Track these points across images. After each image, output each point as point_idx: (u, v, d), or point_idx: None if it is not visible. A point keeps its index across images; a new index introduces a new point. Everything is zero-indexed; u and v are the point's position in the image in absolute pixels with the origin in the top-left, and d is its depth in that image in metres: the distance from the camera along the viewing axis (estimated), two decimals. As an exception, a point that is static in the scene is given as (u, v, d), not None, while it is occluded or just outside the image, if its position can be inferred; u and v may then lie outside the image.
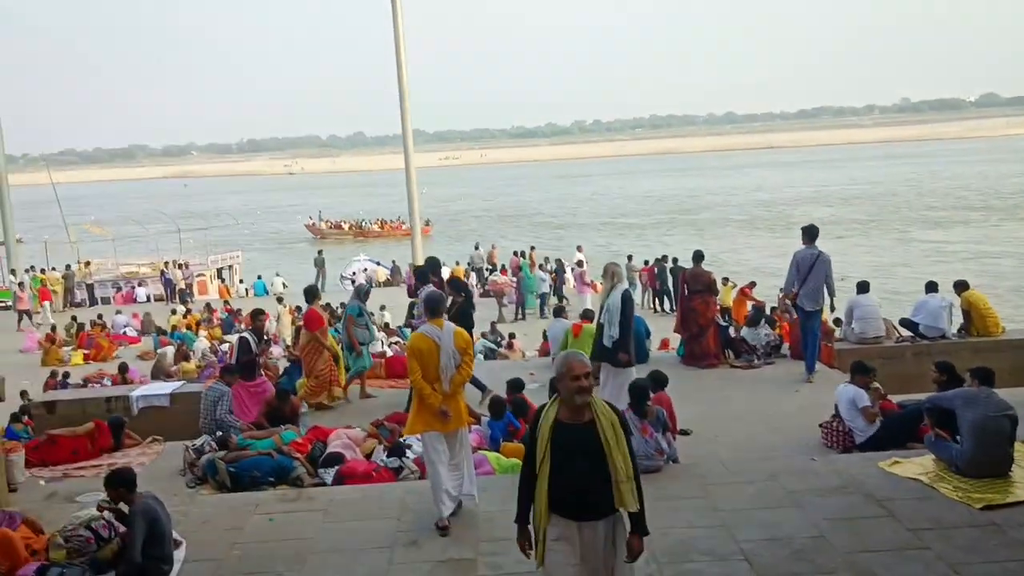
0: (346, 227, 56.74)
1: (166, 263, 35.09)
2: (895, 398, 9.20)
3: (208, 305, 28.19)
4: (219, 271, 38.77)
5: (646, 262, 27.71)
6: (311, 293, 11.76)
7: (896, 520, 6.24)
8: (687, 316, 12.19)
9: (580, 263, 26.81)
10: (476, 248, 34.92)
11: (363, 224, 56.30)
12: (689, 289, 12.20)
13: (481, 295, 28.76)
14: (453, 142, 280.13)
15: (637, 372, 8.76)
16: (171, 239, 41.78)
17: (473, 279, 30.41)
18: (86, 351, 23.09)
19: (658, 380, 8.63)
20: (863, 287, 12.69)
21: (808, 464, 7.59)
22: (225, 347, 20.87)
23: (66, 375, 17.88)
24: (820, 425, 8.93)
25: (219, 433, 9.19)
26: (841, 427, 8.61)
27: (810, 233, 10.93)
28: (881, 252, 38.29)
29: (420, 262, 22.53)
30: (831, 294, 10.92)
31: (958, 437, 7.12)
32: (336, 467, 8.24)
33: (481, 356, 19.68)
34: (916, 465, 7.24)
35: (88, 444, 9.63)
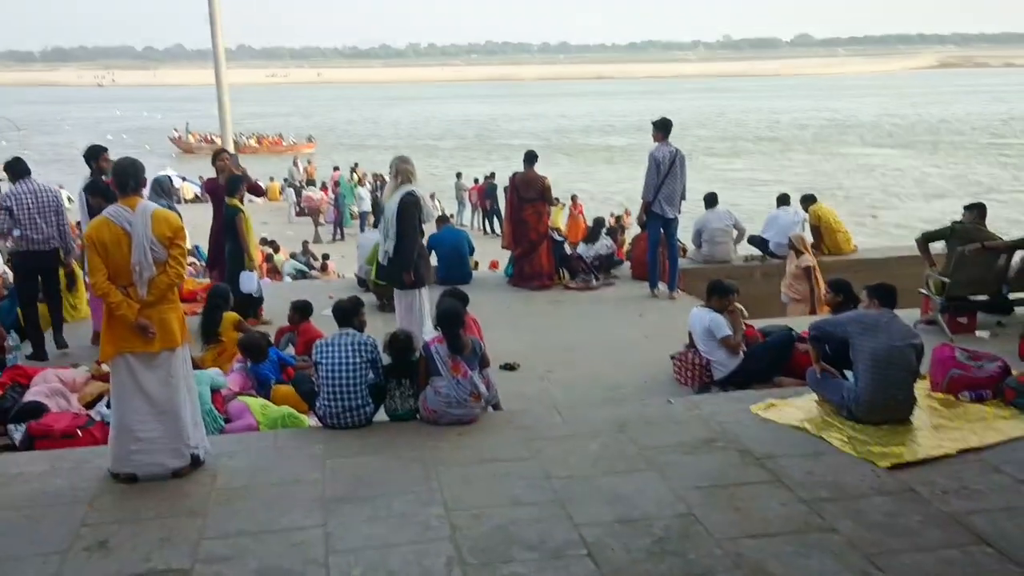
0: (218, 141, 51.01)
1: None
2: (755, 323, 7.74)
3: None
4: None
5: (476, 180, 25.81)
6: (95, 155, 8.37)
7: (785, 487, 4.62)
8: (517, 229, 10.30)
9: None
10: (293, 163, 32.00)
11: (238, 140, 50.76)
12: (519, 197, 10.27)
13: (297, 214, 26.50)
14: (282, 59, 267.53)
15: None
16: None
17: (291, 195, 28.01)
18: None
19: (457, 299, 6.70)
20: (711, 200, 11.26)
21: (665, 409, 5.92)
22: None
23: None
24: (671, 357, 7.35)
25: None
26: (697, 359, 7.04)
27: (664, 127, 9.27)
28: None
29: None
30: (682, 198, 9.38)
31: (848, 373, 5.64)
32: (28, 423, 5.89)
33: (289, 279, 17.50)
34: (796, 409, 5.69)
35: None
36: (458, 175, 26.97)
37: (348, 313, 5.92)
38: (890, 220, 27.80)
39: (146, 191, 4.89)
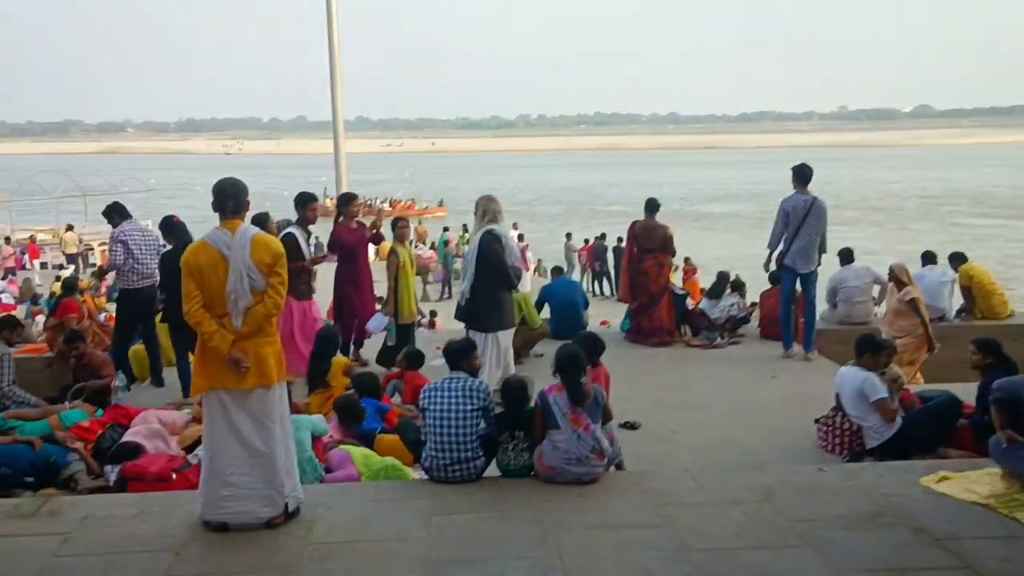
0: (382, 206, 53.08)
1: (68, 228, 31.79)
2: (912, 388, 6.89)
3: (100, 270, 25.16)
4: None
5: (586, 241, 25.36)
6: (262, 222, 7.96)
7: (978, 576, 3.84)
8: (635, 281, 9.66)
9: (520, 238, 24.63)
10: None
11: (371, 203, 52.49)
12: (639, 247, 9.68)
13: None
14: (398, 130, 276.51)
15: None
16: (77, 205, 38.39)
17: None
18: (-49, 317, 20.08)
19: (592, 346, 6.13)
20: (846, 256, 10.40)
21: (816, 477, 5.16)
22: (103, 316, 18.21)
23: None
24: (816, 421, 6.56)
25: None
26: (846, 424, 6.25)
27: (802, 175, 8.57)
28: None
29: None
30: (821, 251, 8.63)
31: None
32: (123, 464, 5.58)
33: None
34: (976, 483, 4.85)
35: None
36: (567, 236, 26.58)
37: (459, 355, 5.44)
38: (1018, 293, 25.95)
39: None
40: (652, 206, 9.68)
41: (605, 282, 23.50)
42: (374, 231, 8.83)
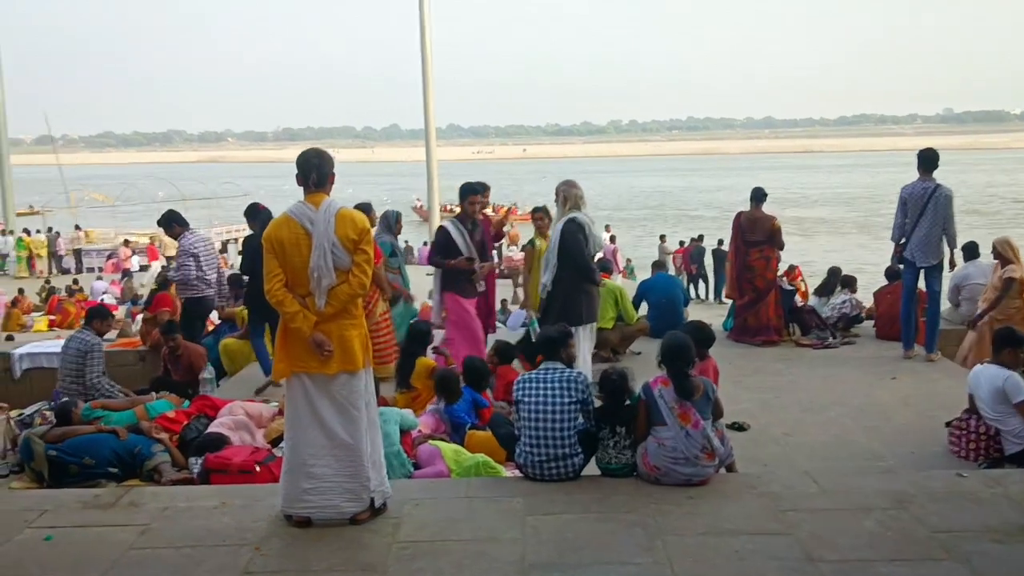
0: (457, 210, 53.73)
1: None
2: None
3: (164, 280, 25.72)
4: (224, 243, 36.35)
5: (681, 243, 24.69)
6: (366, 210, 7.17)
7: None
8: (741, 276, 9.11)
9: (612, 239, 24.30)
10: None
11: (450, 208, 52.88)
12: (745, 240, 9.13)
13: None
14: (488, 137, 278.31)
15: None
16: (179, 210, 39.57)
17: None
18: (52, 317, 20.83)
19: (702, 336, 5.67)
20: (972, 251, 9.60)
21: (955, 484, 4.59)
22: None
23: (9, 338, 15.62)
24: (947, 424, 5.95)
25: (65, 399, 6.40)
26: (982, 428, 5.63)
27: (926, 161, 7.91)
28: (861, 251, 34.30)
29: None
30: (951, 244, 7.94)
31: None
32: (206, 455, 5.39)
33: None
34: None
35: None
36: (661, 238, 25.95)
37: (555, 343, 5.06)
38: None
39: (336, 192, 4.24)
40: (758, 196, 9.13)
41: (702, 285, 22.77)
42: (502, 227, 8.49)
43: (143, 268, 31.36)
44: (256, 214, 7.82)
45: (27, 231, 30.98)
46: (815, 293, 9.80)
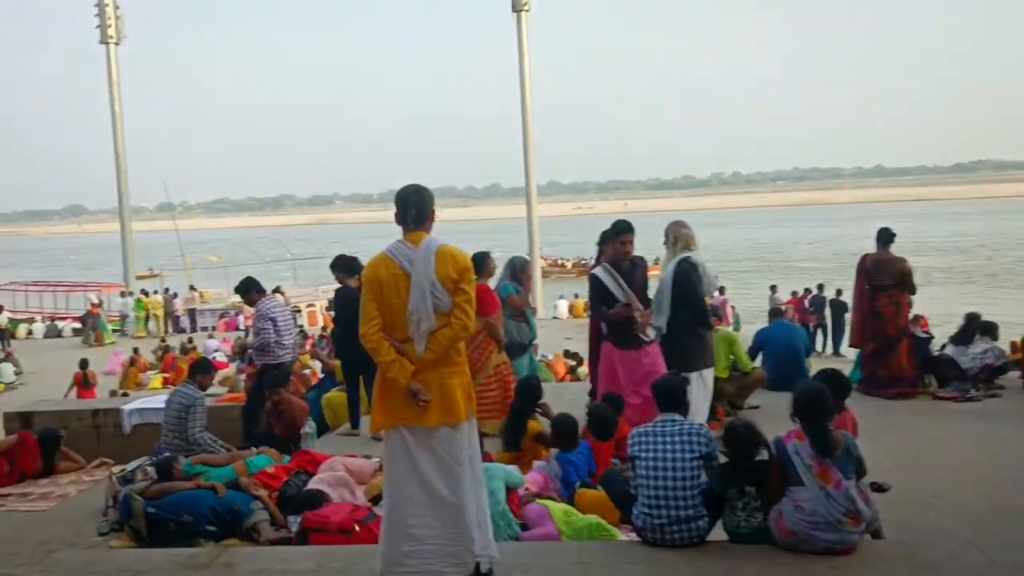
0: (568, 264, 54.01)
1: (275, 290, 33.63)
2: None
3: (302, 331, 26.20)
4: (330, 302, 37.10)
5: (794, 293, 23.68)
6: (480, 262, 6.97)
7: None
8: (868, 322, 8.45)
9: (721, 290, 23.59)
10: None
11: (587, 262, 52.87)
12: (870, 283, 8.48)
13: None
14: (588, 193, 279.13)
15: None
16: (286, 271, 40.79)
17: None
18: (166, 375, 21.48)
19: (839, 385, 5.12)
20: None
21: None
22: (307, 372, 18.78)
23: (124, 394, 16.12)
24: None
25: (167, 455, 6.28)
26: None
27: None
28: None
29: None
30: None
31: None
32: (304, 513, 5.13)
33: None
34: None
35: (5, 464, 6.88)
36: (772, 288, 24.94)
37: (674, 393, 4.63)
38: None
39: (436, 231, 3.96)
40: (885, 237, 8.50)
41: (826, 336, 21.63)
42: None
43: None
44: (342, 265, 7.73)
45: (145, 292, 32.23)
46: (952, 341, 9.00)
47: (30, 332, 31.30)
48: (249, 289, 8.37)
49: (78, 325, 31.91)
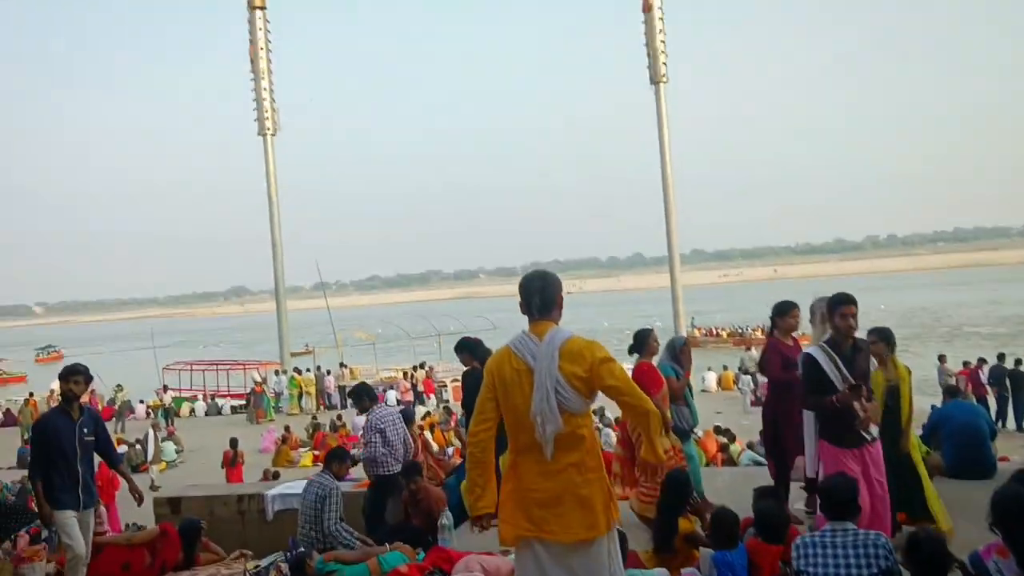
0: (724, 334, 53.09)
1: (414, 367, 34.08)
2: None
3: (447, 407, 26.28)
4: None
5: (965, 364, 21.92)
6: (642, 340, 7.00)
7: None
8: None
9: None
10: (747, 350, 30.64)
11: (743, 331, 51.92)
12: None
13: (752, 403, 24.84)
14: (734, 259, 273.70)
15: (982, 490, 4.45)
16: (432, 344, 41.50)
17: (747, 384, 26.60)
18: (317, 452, 22.02)
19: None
20: None
21: None
22: (451, 450, 18.71)
23: (276, 474, 16.43)
24: None
25: (300, 550, 6.12)
26: None
27: None
28: None
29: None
30: None
31: None
32: (436, 619, 4.81)
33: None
34: None
35: (147, 556, 6.91)
36: (940, 358, 23.25)
37: (844, 499, 4.07)
38: None
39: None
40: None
41: (1008, 410, 19.75)
42: None
43: (399, 404, 32.83)
44: (468, 346, 7.52)
45: (298, 370, 33.31)
46: None
47: (192, 411, 32.88)
48: (361, 396, 8.21)
49: (237, 403, 33.30)
